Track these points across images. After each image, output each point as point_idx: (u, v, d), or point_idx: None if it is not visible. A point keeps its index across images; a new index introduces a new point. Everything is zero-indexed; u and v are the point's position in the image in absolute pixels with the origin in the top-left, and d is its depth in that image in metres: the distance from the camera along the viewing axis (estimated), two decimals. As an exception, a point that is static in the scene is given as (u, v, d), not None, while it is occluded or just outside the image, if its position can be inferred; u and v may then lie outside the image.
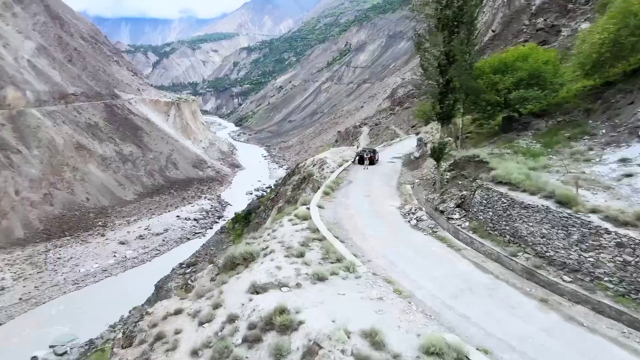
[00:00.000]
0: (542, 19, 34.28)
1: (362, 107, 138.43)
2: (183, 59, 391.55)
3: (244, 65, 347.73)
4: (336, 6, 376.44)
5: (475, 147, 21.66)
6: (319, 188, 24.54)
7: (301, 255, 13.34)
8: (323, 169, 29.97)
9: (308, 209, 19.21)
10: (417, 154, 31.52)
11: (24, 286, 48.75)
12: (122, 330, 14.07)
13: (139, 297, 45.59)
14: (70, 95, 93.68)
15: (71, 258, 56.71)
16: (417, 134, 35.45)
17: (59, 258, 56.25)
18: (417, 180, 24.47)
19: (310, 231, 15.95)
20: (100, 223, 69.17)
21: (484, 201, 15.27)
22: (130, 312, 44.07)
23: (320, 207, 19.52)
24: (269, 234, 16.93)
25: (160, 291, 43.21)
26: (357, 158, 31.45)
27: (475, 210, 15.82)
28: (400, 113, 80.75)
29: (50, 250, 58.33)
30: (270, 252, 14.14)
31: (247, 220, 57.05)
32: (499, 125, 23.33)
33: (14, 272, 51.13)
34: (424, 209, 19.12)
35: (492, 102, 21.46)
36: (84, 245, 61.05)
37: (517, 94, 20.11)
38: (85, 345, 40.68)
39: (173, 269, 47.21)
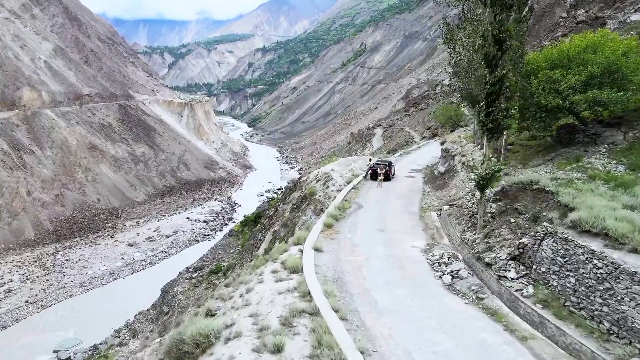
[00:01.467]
0: (583, 11, 31.60)
1: (376, 108, 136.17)
2: (198, 60, 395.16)
3: (258, 66, 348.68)
4: (352, 6, 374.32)
5: (525, 166, 16.89)
6: (321, 211, 20.55)
7: (278, 350, 8.39)
8: (328, 187, 24.24)
9: (301, 251, 14.50)
10: (442, 169, 26.28)
11: (31, 288, 48.49)
12: None
13: (145, 301, 44.80)
14: (85, 96, 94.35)
15: (79, 260, 56.41)
16: (442, 143, 30.33)
17: (67, 260, 56.01)
18: (446, 208, 18.57)
19: (299, 296, 11.05)
20: (110, 224, 68.99)
21: (560, 259, 9.92)
22: (135, 316, 43.27)
23: (317, 250, 14.48)
24: (241, 295, 11.91)
25: (166, 296, 42.27)
26: (370, 173, 26.53)
27: (543, 270, 10.45)
28: (414, 114, 78.47)
29: (59, 251, 58.20)
30: (235, 337, 9.22)
31: (256, 224, 55.86)
32: (553, 136, 18.04)
33: (22, 274, 51.00)
34: (460, 255, 13.93)
35: (550, 106, 16.16)
36: (92, 246, 60.79)
37: (591, 95, 15.22)
38: (90, 350, 39.94)
39: (180, 273, 46.23)
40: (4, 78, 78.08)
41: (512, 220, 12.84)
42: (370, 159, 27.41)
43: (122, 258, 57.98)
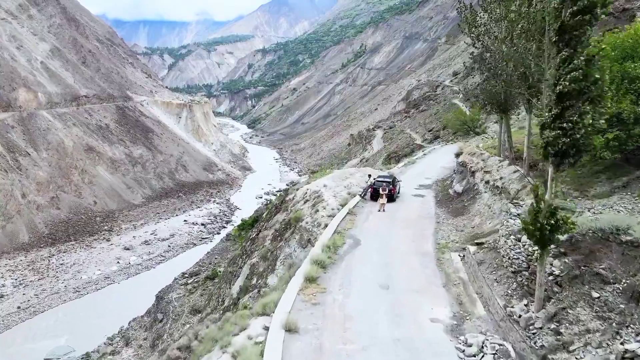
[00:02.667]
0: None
1: (376, 109, 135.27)
2: (198, 61, 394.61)
3: (258, 67, 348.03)
4: (352, 8, 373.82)
5: (585, 195, 12.52)
6: (308, 242, 16.46)
7: None
8: (317, 210, 19.13)
9: (267, 328, 9.83)
10: (458, 187, 21.59)
11: (24, 294, 47.46)
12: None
13: (139, 307, 43.75)
14: (82, 97, 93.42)
15: (74, 264, 55.39)
16: (458, 155, 25.92)
17: (61, 264, 54.99)
18: (472, 249, 13.38)
19: None
20: (106, 227, 67.98)
21: None
22: (129, 323, 42.23)
23: (291, 330, 9.43)
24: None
25: (161, 302, 41.20)
26: (369, 192, 21.42)
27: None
28: (415, 116, 77.53)
29: (53, 255, 57.19)
30: None
31: (253, 227, 54.86)
32: (611, 151, 12.60)
33: (15, 279, 49.98)
34: (506, 344, 9.03)
35: (626, 115, 11.83)
36: (88, 250, 59.76)
37: None
38: (82, 358, 38.91)
39: (175, 279, 45.10)
40: (0, 79, 77.15)
41: (595, 294, 8.17)
42: (369, 175, 22.55)
43: (118, 262, 56.94)
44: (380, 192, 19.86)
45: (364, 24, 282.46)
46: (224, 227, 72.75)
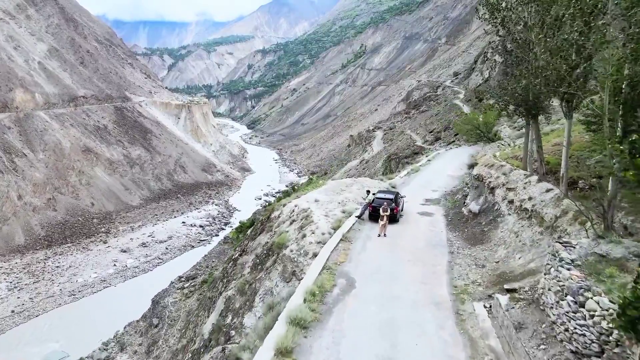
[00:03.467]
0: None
1: (376, 110, 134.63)
2: (198, 62, 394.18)
3: (258, 67, 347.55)
4: (352, 8, 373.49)
5: None
6: (293, 274, 13.77)
7: None
8: (305, 235, 15.95)
9: None
10: (474, 206, 18.14)
11: (18, 297, 46.71)
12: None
13: (135, 311, 43.00)
14: (80, 98, 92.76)
15: (70, 267, 54.65)
16: (471, 166, 23.04)
17: (57, 267, 54.25)
18: (503, 301, 9.70)
19: None
20: (103, 229, 67.25)
21: None
22: (125, 328, 41.47)
23: None
24: None
25: (157, 307, 40.47)
26: (369, 210, 18.14)
27: None
28: (416, 117, 76.87)
29: (49, 258, 56.45)
30: None
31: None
32: None
33: (10, 282, 49.23)
34: None
35: None
36: (84, 253, 59.02)
37: None
38: (76, 363, 38.19)
39: (172, 282, 44.36)
40: (-3, 79, 76.51)
41: None
42: (368, 192, 19.10)
43: (114, 265, 56.21)
44: (381, 212, 16.29)
45: (364, 24, 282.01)
46: (223, 229, 72.05)
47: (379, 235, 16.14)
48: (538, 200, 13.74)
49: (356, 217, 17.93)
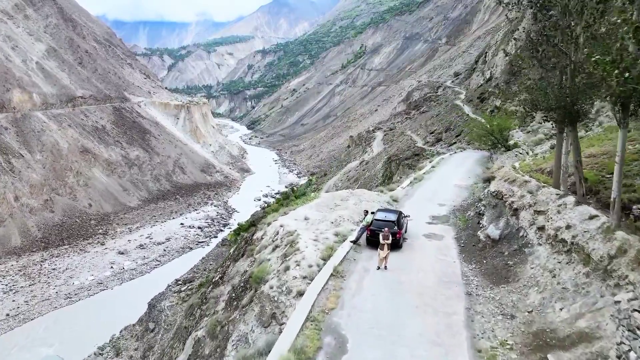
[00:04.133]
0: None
1: (376, 110, 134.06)
2: (198, 62, 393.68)
3: (258, 68, 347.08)
4: (352, 8, 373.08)
5: None
6: (272, 318, 11.36)
7: None
8: (289, 268, 13.10)
9: None
10: (492, 231, 15.20)
11: (13, 300, 46.12)
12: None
13: (132, 315, 42.40)
14: (78, 98, 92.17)
15: (67, 269, 54.06)
16: (487, 180, 19.84)
17: (54, 269, 53.67)
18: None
19: None
20: (101, 231, 66.66)
21: None
22: (121, 332, 40.89)
23: None
24: None
25: (153, 310, 39.86)
26: (366, 234, 15.27)
27: None
28: (416, 117, 76.26)
29: (46, 260, 55.87)
30: None
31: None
32: None
33: (6, 285, 48.66)
34: None
35: None
36: (81, 255, 58.44)
37: None
38: (71, 368, 37.59)
39: (168, 286, 43.82)
40: (-6, 79, 75.94)
41: None
42: (366, 212, 15.85)
43: (111, 267, 55.60)
44: (381, 240, 13.21)
45: (364, 24, 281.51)
46: (222, 230, 71.47)
47: (379, 268, 13.33)
48: (580, 230, 10.68)
49: (351, 241, 15.07)
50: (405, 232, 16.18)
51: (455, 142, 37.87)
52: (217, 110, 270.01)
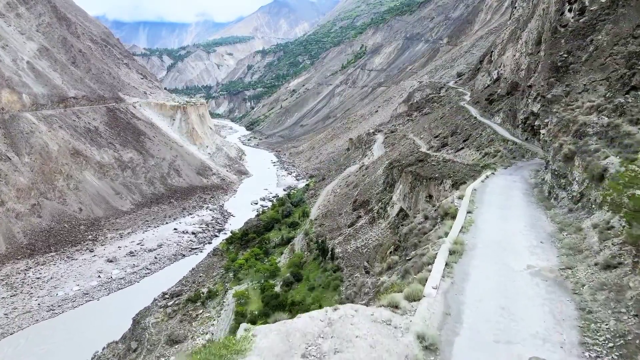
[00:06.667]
0: None
1: (377, 111, 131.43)
2: (197, 62, 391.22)
3: (258, 68, 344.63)
4: (352, 9, 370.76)
5: None
6: None
7: None
8: None
9: None
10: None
11: (-8, 313, 43.52)
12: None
13: (116, 329, 39.88)
14: (71, 99, 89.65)
15: (52, 278, 51.48)
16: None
17: (38, 278, 51.10)
18: None
19: None
20: (90, 237, 64.07)
21: None
22: (103, 349, 38.27)
23: None
24: None
25: (137, 327, 37.32)
26: None
27: None
28: (418, 120, 73.56)
29: (30, 268, 53.29)
30: None
31: (242, 241, 50.96)
32: None
33: (-16, 296, 46.07)
34: None
35: None
36: (68, 262, 55.85)
37: None
38: (50, 388, 35.03)
39: (154, 300, 41.23)
40: (-19, 79, 73.44)
41: None
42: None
43: (99, 276, 53.01)
44: None
45: (364, 25, 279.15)
46: (216, 236, 68.89)
47: None
48: None
49: None
50: None
51: (462, 148, 35.17)
52: (216, 110, 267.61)
